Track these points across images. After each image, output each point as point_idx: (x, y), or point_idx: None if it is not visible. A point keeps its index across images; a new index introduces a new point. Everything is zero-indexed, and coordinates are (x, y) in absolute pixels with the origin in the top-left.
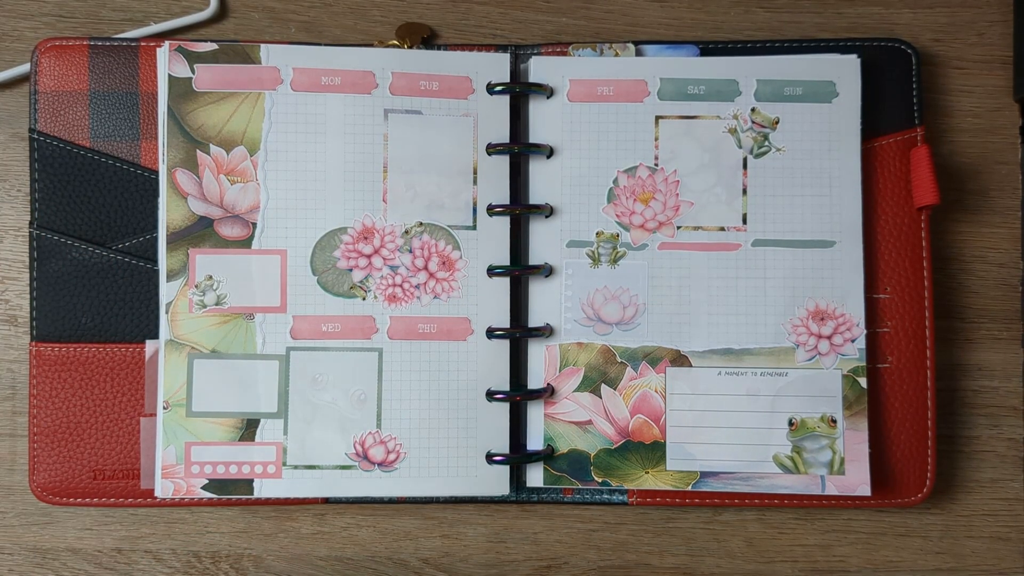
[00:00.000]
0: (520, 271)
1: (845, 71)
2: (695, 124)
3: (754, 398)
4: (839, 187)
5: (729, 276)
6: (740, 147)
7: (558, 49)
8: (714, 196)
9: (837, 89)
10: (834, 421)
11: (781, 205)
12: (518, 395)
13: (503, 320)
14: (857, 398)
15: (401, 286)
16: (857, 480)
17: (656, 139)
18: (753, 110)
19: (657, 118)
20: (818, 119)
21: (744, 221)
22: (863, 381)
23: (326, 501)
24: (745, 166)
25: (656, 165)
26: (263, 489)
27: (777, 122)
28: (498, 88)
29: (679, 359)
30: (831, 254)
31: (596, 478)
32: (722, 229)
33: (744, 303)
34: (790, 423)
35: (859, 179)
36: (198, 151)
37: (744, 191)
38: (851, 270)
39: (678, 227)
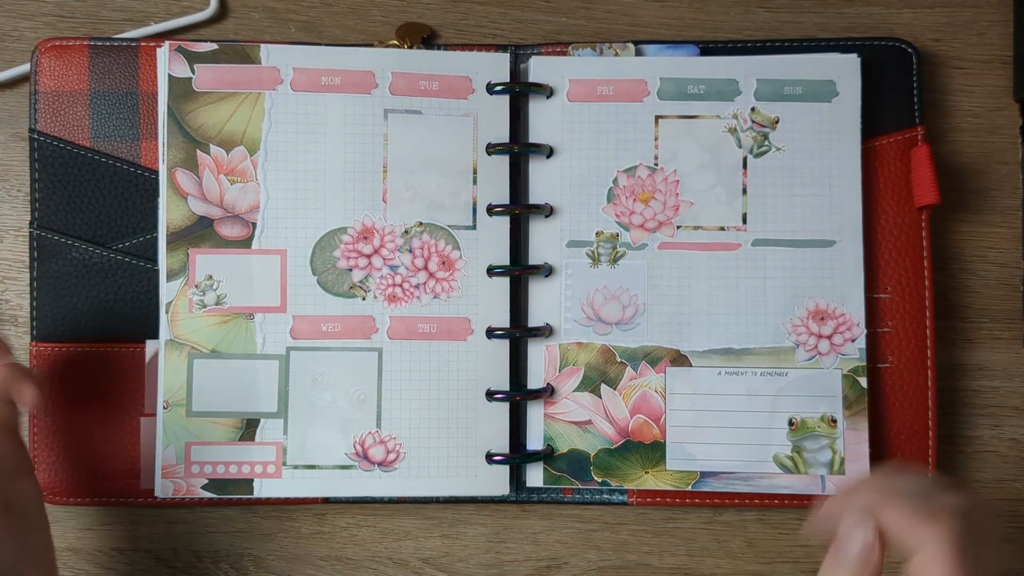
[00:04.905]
0: (520, 271)
1: (845, 70)
2: (695, 124)
3: (754, 398)
4: (839, 187)
5: (729, 276)
6: (740, 147)
7: (558, 49)
8: (714, 196)
9: (837, 88)
10: (834, 421)
11: (781, 205)
12: (518, 395)
13: (503, 320)
14: (857, 398)
15: (401, 286)
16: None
17: (656, 139)
18: (753, 110)
19: (657, 118)
20: (818, 119)
21: (744, 221)
22: (863, 381)
23: (326, 501)
24: (745, 166)
25: (656, 165)
26: (263, 489)
27: (777, 122)
28: (498, 88)
29: (679, 359)
30: (831, 254)
31: (596, 478)
32: (722, 229)
33: (744, 303)
34: (790, 423)
35: (859, 179)
36: (198, 151)
37: (744, 191)
38: (851, 270)
39: (678, 227)
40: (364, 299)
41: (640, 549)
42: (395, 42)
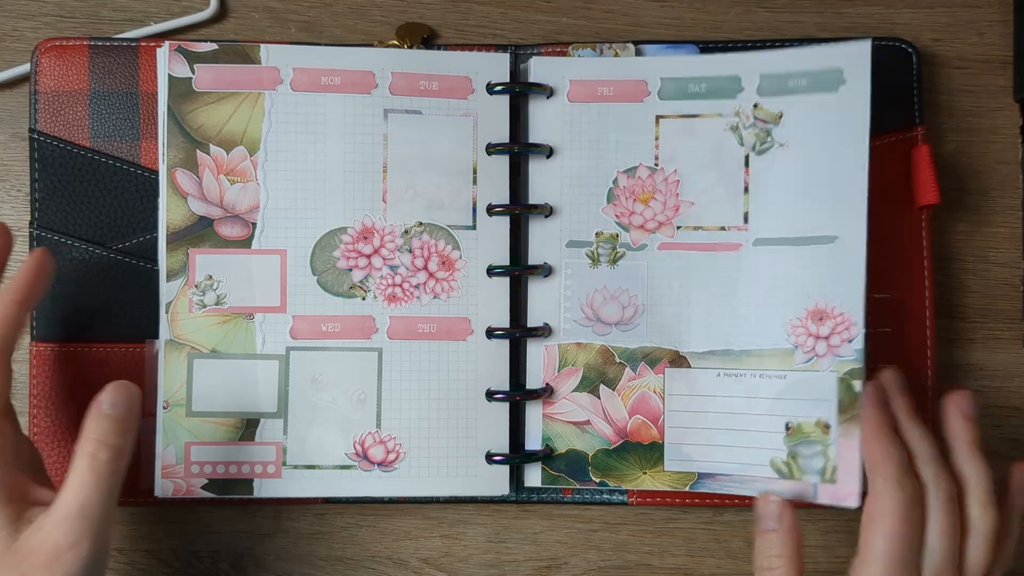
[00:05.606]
0: (520, 271)
1: (855, 57)
2: (696, 123)
3: (753, 400)
4: (844, 179)
5: (730, 276)
6: (742, 144)
7: (558, 49)
8: (715, 196)
9: (845, 76)
10: (828, 426)
11: (784, 203)
12: (517, 395)
13: (503, 320)
14: (852, 402)
15: (401, 286)
16: (847, 491)
17: (656, 139)
18: (756, 106)
19: (658, 118)
20: (824, 110)
21: (745, 220)
22: (858, 384)
23: (326, 501)
24: (747, 164)
25: (656, 165)
26: (263, 489)
27: (780, 116)
28: (498, 88)
29: (678, 360)
30: (831, 250)
31: (594, 478)
32: (723, 229)
33: (744, 304)
34: (787, 427)
35: (866, 171)
36: (198, 151)
37: (746, 189)
38: (852, 265)
39: (678, 227)
40: (364, 299)
41: (640, 549)
42: (395, 42)
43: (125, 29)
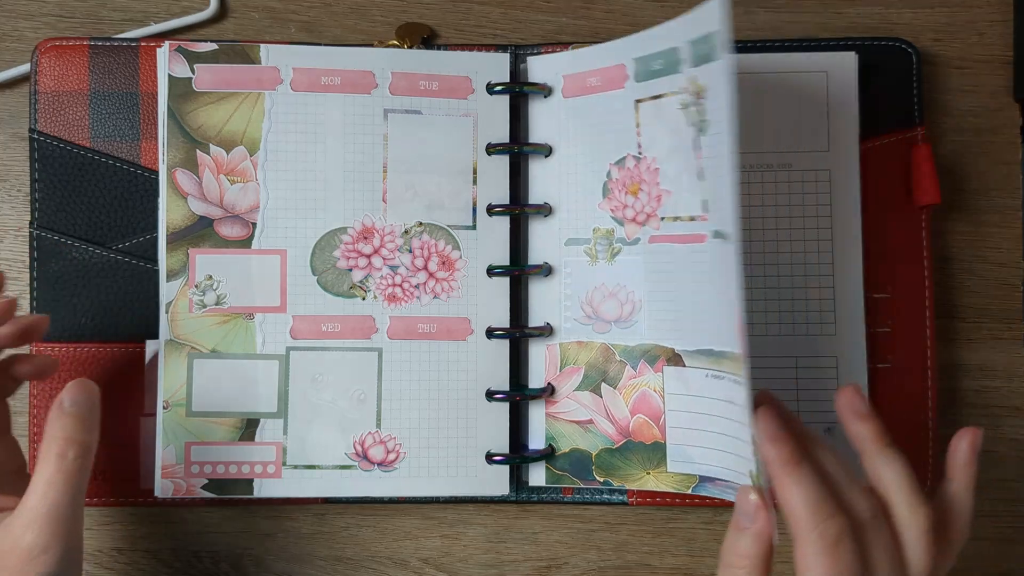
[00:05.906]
0: (519, 271)
1: (712, 15)
2: (662, 104)
3: (731, 405)
4: (721, 167)
5: (703, 270)
6: (690, 124)
7: (558, 49)
8: (682, 182)
9: (713, 39)
10: None
11: (725, 187)
12: (517, 395)
13: (503, 320)
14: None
15: (401, 286)
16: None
17: (638, 125)
18: (692, 79)
19: (636, 102)
20: (723, 81)
21: (705, 209)
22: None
23: (326, 501)
24: (698, 146)
25: (640, 154)
26: (263, 489)
27: (705, 89)
28: (498, 88)
29: (674, 358)
30: (727, 248)
31: (598, 478)
32: (692, 219)
33: (715, 300)
34: (752, 438)
35: (730, 155)
36: (198, 151)
37: (701, 175)
38: (730, 270)
39: (662, 218)
40: (364, 299)
41: (640, 549)
42: (395, 42)
43: (125, 29)
